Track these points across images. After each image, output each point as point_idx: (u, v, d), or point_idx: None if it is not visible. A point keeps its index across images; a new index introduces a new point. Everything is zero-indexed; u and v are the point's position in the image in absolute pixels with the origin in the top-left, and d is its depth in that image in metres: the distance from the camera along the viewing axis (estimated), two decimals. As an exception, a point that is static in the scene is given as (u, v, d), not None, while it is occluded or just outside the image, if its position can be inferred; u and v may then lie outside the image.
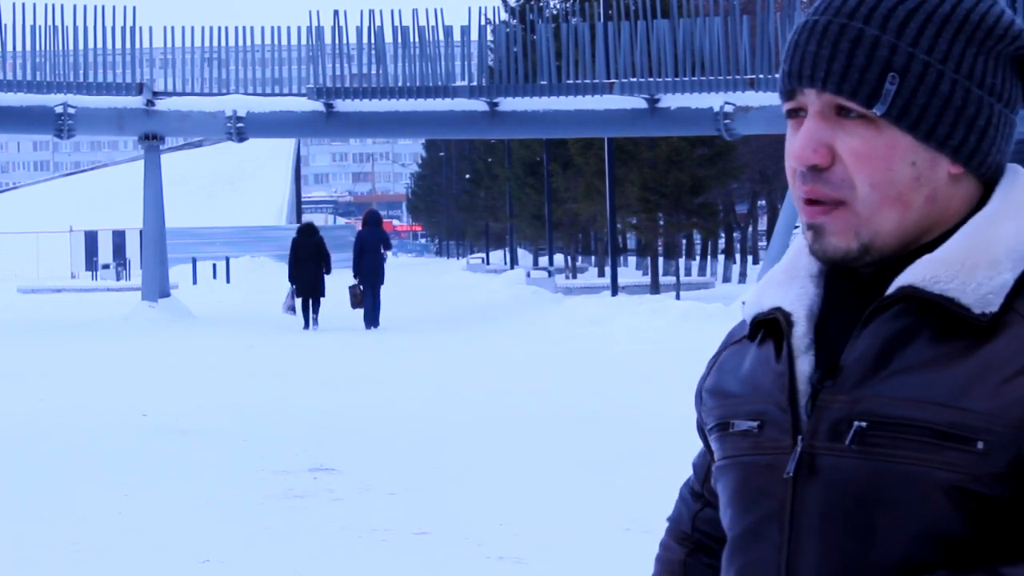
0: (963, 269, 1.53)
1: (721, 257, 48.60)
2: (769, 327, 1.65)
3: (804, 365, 1.59)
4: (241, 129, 28.85)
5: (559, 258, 57.65)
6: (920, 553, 1.47)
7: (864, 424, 1.51)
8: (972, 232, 1.55)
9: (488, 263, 69.60)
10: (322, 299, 26.24)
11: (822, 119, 1.58)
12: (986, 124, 1.57)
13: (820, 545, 1.52)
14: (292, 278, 26.14)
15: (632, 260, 60.60)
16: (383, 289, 26.59)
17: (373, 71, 28.90)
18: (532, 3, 34.51)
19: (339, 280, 30.02)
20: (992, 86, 1.58)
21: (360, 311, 26.11)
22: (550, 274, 40.89)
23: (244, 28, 30.02)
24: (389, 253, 27.51)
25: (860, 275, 1.60)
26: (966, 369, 1.49)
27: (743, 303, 1.70)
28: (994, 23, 1.58)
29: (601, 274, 50.41)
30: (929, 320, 1.53)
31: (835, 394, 1.55)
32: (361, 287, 25.74)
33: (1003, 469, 1.45)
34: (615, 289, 30.85)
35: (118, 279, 52.50)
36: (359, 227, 29.75)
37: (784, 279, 1.66)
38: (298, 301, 26.15)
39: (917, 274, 1.54)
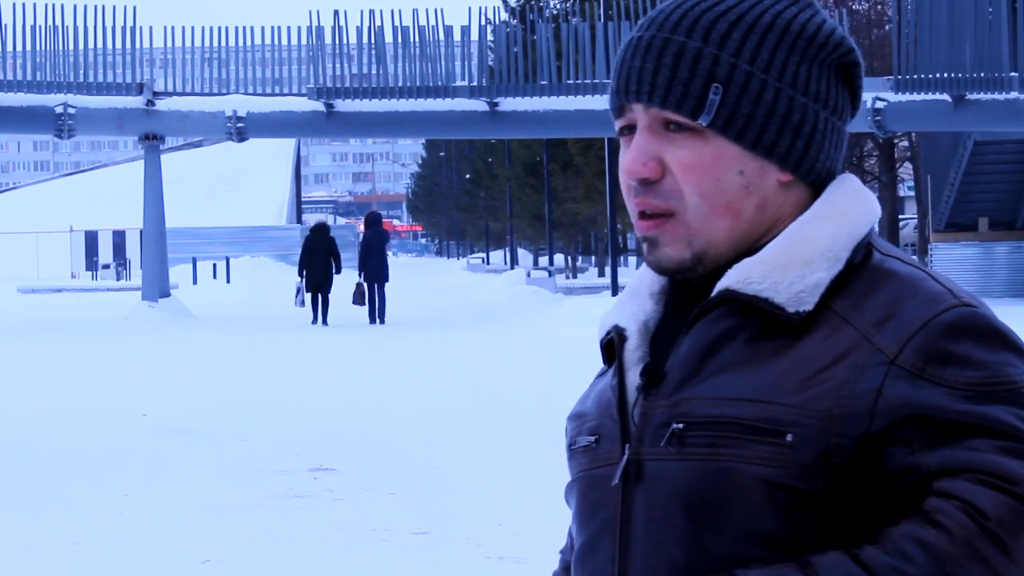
0: (776, 269, 1.55)
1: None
2: (610, 346, 1.68)
3: (634, 376, 1.61)
4: (241, 129, 28.85)
5: (559, 258, 57.65)
6: (741, 551, 1.48)
7: (680, 426, 1.53)
8: (789, 234, 1.57)
9: (488, 263, 69.62)
10: (330, 296, 27.10)
11: (651, 133, 1.60)
12: (812, 131, 1.59)
13: (645, 550, 1.54)
14: (302, 273, 27.20)
15: (632, 260, 60.55)
16: (387, 286, 27.79)
17: (373, 71, 28.90)
18: (532, 3, 34.52)
19: (345, 279, 30.16)
20: (817, 93, 1.60)
21: (363, 308, 27.24)
22: (550, 274, 40.90)
23: (244, 28, 30.02)
24: (390, 253, 28.37)
25: (695, 284, 1.62)
26: (778, 366, 1.51)
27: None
28: (815, 32, 1.60)
29: (601, 274, 50.40)
30: (749, 321, 1.55)
31: (657, 400, 1.57)
32: (366, 285, 27.05)
33: (812, 461, 1.47)
34: (615, 289, 30.85)
35: (118, 279, 52.49)
36: (359, 227, 29.96)
37: (626, 299, 1.69)
38: (307, 296, 27.11)
39: (733, 276, 1.56)
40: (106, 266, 57.17)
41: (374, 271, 27.15)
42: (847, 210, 1.59)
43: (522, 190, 52.99)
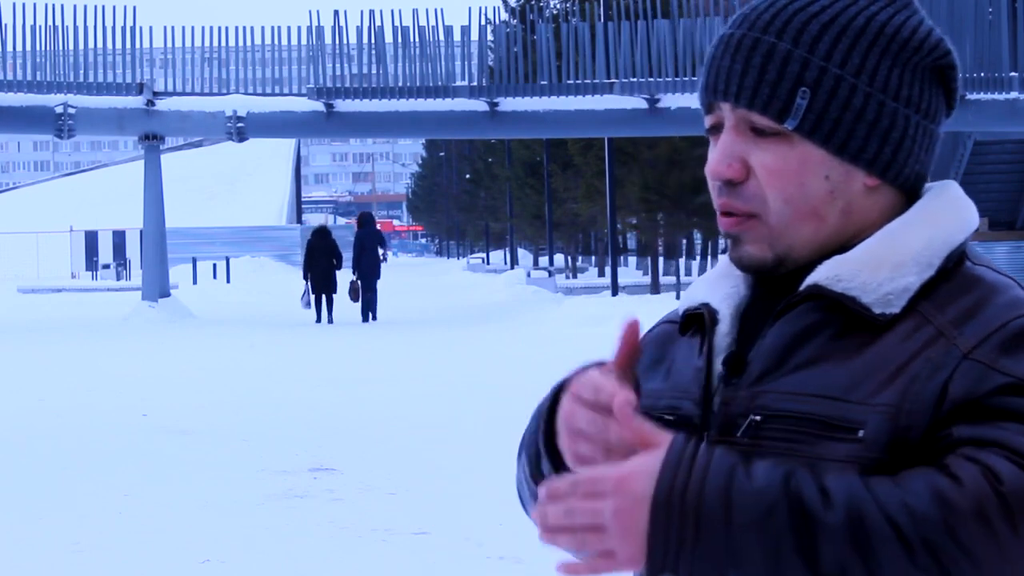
0: (866, 269, 1.55)
1: (721, 257, 48.58)
2: (697, 322, 1.66)
3: (719, 364, 1.61)
4: (241, 129, 28.85)
5: (559, 258, 57.67)
6: None
7: (758, 418, 1.54)
8: (883, 236, 1.57)
9: (488, 263, 69.63)
10: (334, 295, 28.04)
11: (737, 133, 1.59)
12: (901, 136, 1.59)
13: None
14: (307, 276, 28.24)
15: (632, 260, 60.59)
16: (379, 284, 28.87)
17: (373, 71, 28.91)
18: (532, 3, 34.52)
19: (341, 277, 30.21)
20: (908, 98, 1.59)
21: (358, 305, 28.31)
22: (550, 274, 40.91)
23: (244, 28, 30.03)
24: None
25: (782, 274, 1.62)
26: (858, 364, 1.51)
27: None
28: (909, 35, 1.59)
29: (601, 274, 50.41)
30: (834, 318, 1.55)
31: (738, 390, 1.57)
32: (360, 283, 27.96)
33: (880, 455, 1.47)
34: (615, 289, 30.85)
35: (118, 279, 52.48)
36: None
37: (718, 276, 1.68)
38: (312, 297, 28.10)
39: (823, 273, 1.56)
40: (106, 266, 57.16)
41: (367, 270, 28.05)
42: (944, 217, 1.59)
43: (522, 190, 53.01)
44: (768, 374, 1.56)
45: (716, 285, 1.67)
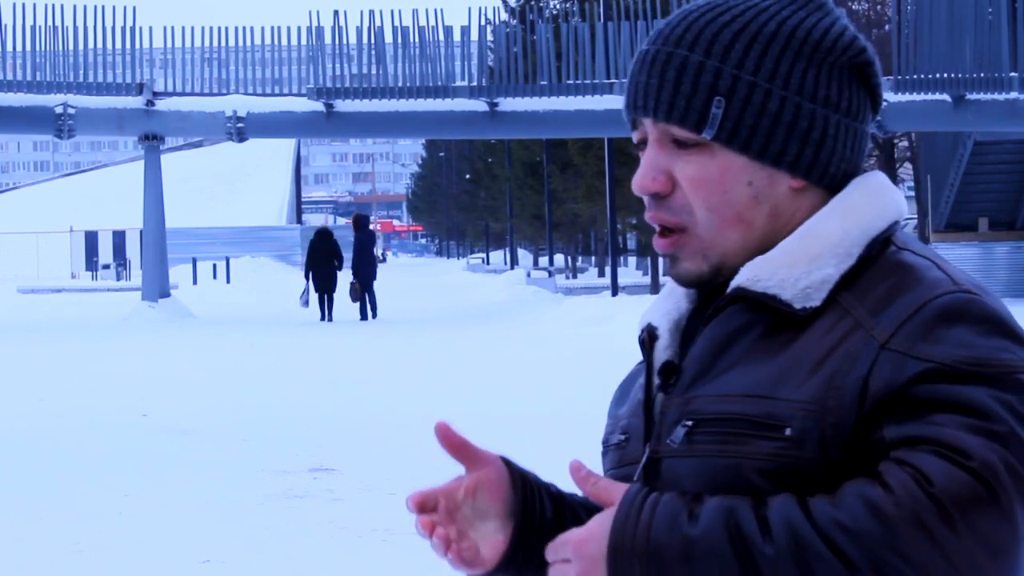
0: (783, 266, 1.56)
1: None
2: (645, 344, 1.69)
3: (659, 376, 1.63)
4: (241, 129, 28.85)
5: (559, 258, 57.69)
6: None
7: (690, 423, 1.55)
8: (800, 233, 1.58)
9: (488, 263, 69.65)
10: (335, 295, 28.72)
11: (660, 147, 1.61)
12: (822, 136, 1.59)
13: None
14: (308, 276, 28.84)
15: (632, 260, 60.59)
16: (376, 285, 29.64)
17: (373, 71, 28.91)
18: (532, 3, 34.51)
19: (341, 277, 30.42)
20: (827, 98, 1.59)
21: (357, 305, 28.94)
22: (550, 274, 40.92)
23: (244, 28, 30.03)
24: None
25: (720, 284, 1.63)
26: (781, 361, 1.52)
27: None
28: (821, 37, 1.60)
29: (601, 274, 50.41)
30: (759, 318, 1.56)
31: (672, 398, 1.59)
32: (359, 283, 28.59)
33: (810, 453, 1.48)
34: (615, 289, 30.86)
35: (118, 279, 52.48)
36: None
37: (663, 297, 1.71)
38: (314, 296, 28.74)
39: (744, 275, 1.57)
40: (106, 266, 57.16)
41: (365, 271, 28.78)
42: (860, 206, 1.59)
43: (522, 190, 53.00)
44: (698, 379, 1.57)
45: (659, 305, 1.70)
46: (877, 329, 1.49)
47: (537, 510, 1.67)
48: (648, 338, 1.66)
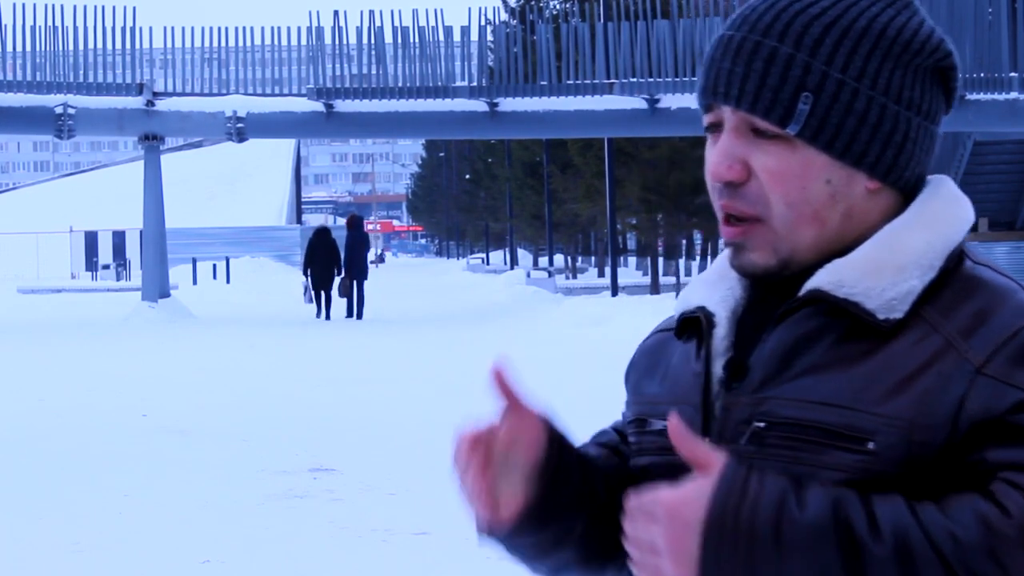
0: (868, 274, 1.53)
1: (717, 258, 48.55)
2: (694, 326, 1.65)
3: (719, 367, 1.60)
4: (241, 129, 28.86)
5: (559, 258, 57.69)
6: None
7: (762, 425, 1.52)
8: (882, 239, 1.56)
9: (488, 263, 69.65)
10: (332, 293, 29.50)
11: (737, 135, 1.58)
12: (903, 139, 1.57)
13: None
14: (307, 273, 29.93)
15: (632, 260, 60.58)
16: (367, 284, 30.53)
17: (373, 71, 28.92)
18: (532, 3, 34.52)
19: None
20: (910, 100, 1.57)
21: (344, 301, 29.85)
22: (550, 274, 40.92)
23: (244, 28, 30.04)
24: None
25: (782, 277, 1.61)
26: (863, 371, 1.50)
27: (677, 297, 1.72)
28: (911, 37, 1.58)
29: (601, 274, 50.42)
30: (836, 323, 1.53)
31: (739, 396, 1.56)
32: (349, 281, 29.42)
33: (894, 470, 1.46)
34: (615, 289, 30.85)
35: (118, 279, 52.48)
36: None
37: (715, 278, 1.67)
38: (312, 293, 30.09)
39: (824, 278, 1.54)
40: (106, 266, 57.15)
41: (357, 269, 29.53)
42: (943, 217, 1.57)
43: (522, 190, 53.02)
44: (770, 380, 1.54)
45: (712, 288, 1.66)
46: (971, 352, 1.47)
47: (567, 480, 1.64)
48: (706, 323, 1.63)
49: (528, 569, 1.76)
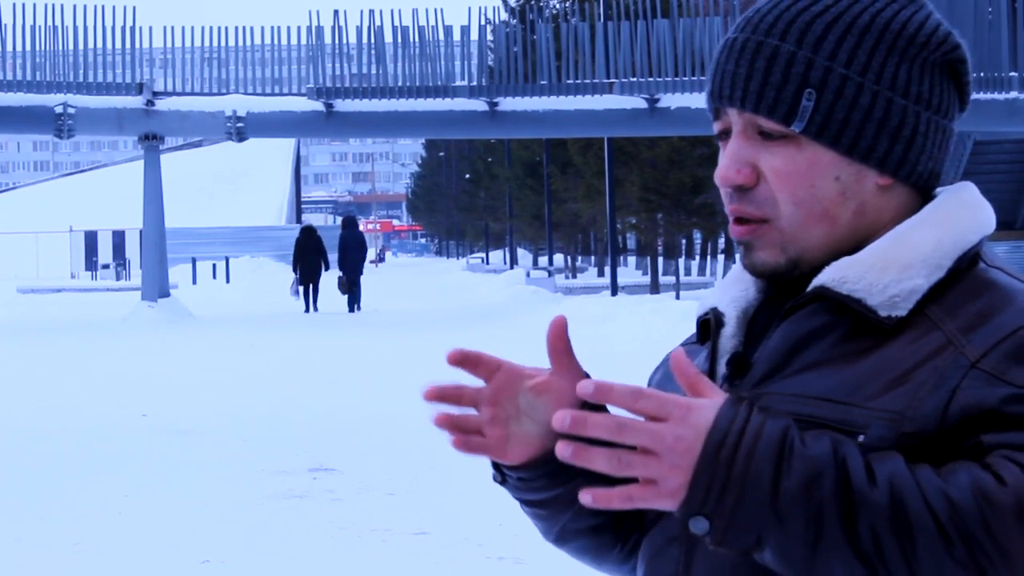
0: (873, 271, 1.53)
1: (721, 257, 48.61)
2: (707, 328, 1.66)
3: (723, 365, 1.60)
4: (241, 129, 28.85)
5: (559, 258, 57.71)
6: None
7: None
8: (891, 237, 1.55)
9: (488, 263, 69.63)
10: (319, 286, 31.57)
11: (745, 138, 1.57)
12: (912, 133, 1.56)
13: (709, 553, 1.52)
14: (296, 269, 31.65)
15: (632, 260, 60.61)
16: (362, 280, 32.65)
17: (373, 71, 28.91)
18: (532, 3, 34.50)
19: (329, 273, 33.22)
20: (918, 94, 1.57)
21: (345, 297, 31.86)
22: (550, 274, 40.91)
23: (244, 28, 30.03)
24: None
25: (795, 277, 1.61)
26: (862, 367, 1.49)
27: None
28: (916, 31, 1.58)
29: (601, 274, 50.42)
30: (841, 320, 1.53)
31: (739, 391, 1.55)
32: (346, 278, 31.51)
33: None
34: (615, 289, 30.86)
35: (118, 279, 52.51)
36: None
37: (731, 280, 1.67)
38: (300, 288, 31.64)
39: (829, 275, 1.54)
40: (106, 266, 57.18)
41: (351, 266, 31.55)
42: (956, 218, 1.56)
43: (522, 190, 53.02)
44: (772, 375, 1.54)
45: (726, 290, 1.66)
46: (969, 348, 1.47)
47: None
48: (715, 323, 1.63)
49: (541, 529, 1.80)
